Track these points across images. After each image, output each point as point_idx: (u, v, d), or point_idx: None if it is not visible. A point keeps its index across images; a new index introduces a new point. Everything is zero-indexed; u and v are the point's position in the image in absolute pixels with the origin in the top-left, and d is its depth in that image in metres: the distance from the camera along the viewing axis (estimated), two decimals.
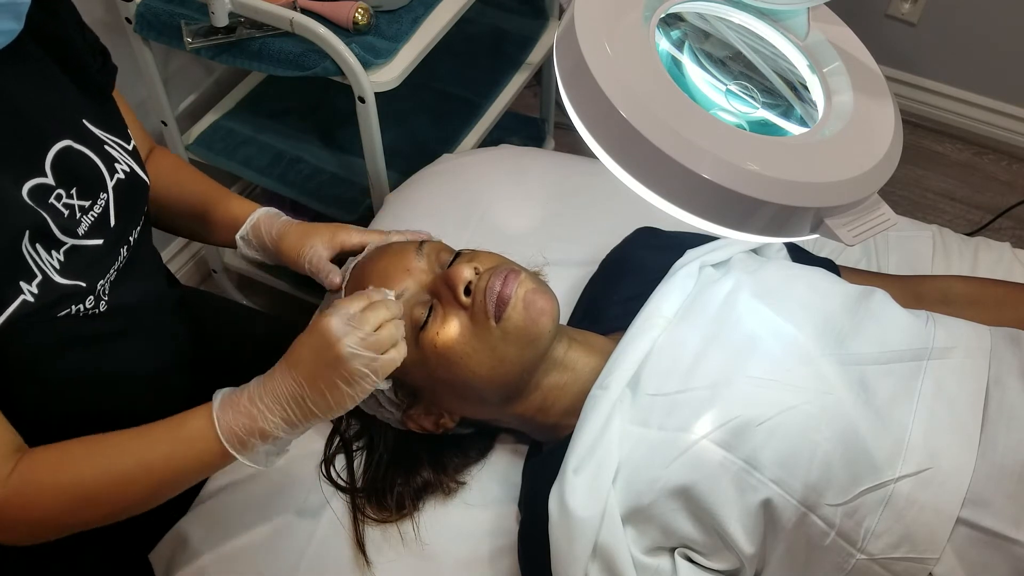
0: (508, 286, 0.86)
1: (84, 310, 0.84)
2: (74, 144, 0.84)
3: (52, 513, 0.79)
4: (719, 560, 0.85)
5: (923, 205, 2.11)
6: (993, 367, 0.88)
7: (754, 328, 0.90)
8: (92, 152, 0.86)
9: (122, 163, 0.89)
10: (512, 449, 1.03)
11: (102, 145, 0.87)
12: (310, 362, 0.78)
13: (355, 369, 0.77)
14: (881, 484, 0.81)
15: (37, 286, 0.78)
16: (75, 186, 0.83)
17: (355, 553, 0.94)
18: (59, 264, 0.81)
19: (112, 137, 0.89)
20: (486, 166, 1.37)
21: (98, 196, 0.86)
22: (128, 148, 0.91)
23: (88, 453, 0.80)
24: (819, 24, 0.72)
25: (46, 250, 0.80)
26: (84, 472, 0.79)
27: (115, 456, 0.80)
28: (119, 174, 0.88)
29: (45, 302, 0.79)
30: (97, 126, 0.88)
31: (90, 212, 0.85)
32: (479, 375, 0.87)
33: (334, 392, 0.78)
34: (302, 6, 1.30)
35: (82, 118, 0.86)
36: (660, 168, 0.59)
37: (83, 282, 0.83)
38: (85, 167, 0.85)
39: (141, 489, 0.81)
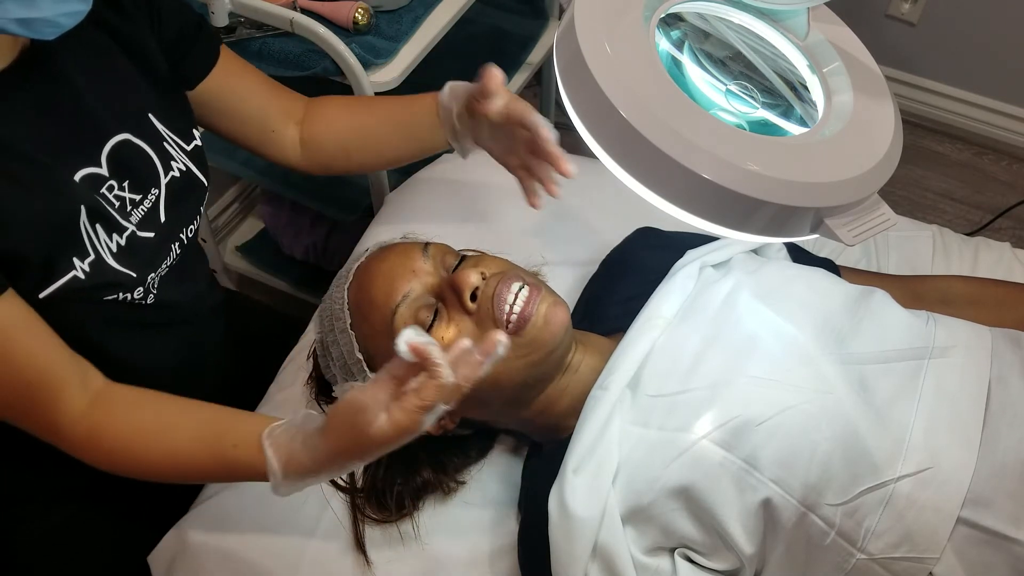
0: (530, 304, 0.85)
1: (132, 299, 0.86)
2: (132, 138, 0.86)
3: (117, 448, 0.81)
4: (719, 560, 0.85)
5: (923, 205, 2.11)
6: (994, 366, 0.88)
7: (754, 328, 0.90)
8: (150, 148, 0.87)
9: (179, 161, 0.91)
10: (512, 449, 1.03)
11: (161, 141, 0.89)
12: (346, 440, 0.74)
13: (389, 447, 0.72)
14: (881, 484, 0.81)
15: (90, 265, 0.80)
16: (128, 179, 0.85)
17: (355, 553, 0.94)
18: (116, 248, 0.82)
19: (173, 135, 0.91)
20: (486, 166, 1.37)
21: (149, 191, 0.87)
22: (187, 148, 0.93)
23: (156, 415, 0.83)
24: (819, 24, 0.72)
25: (106, 232, 0.82)
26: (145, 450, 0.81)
27: (175, 432, 0.82)
28: (174, 172, 0.90)
29: (95, 283, 0.81)
30: (161, 121, 0.89)
31: (140, 206, 0.86)
32: (485, 381, 0.87)
33: (371, 458, 0.74)
34: (302, 6, 1.30)
35: (147, 111, 0.88)
36: (660, 168, 0.59)
37: (134, 272, 0.85)
38: (140, 161, 0.87)
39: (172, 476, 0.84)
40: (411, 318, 0.87)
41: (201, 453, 0.81)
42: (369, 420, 0.70)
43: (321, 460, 0.75)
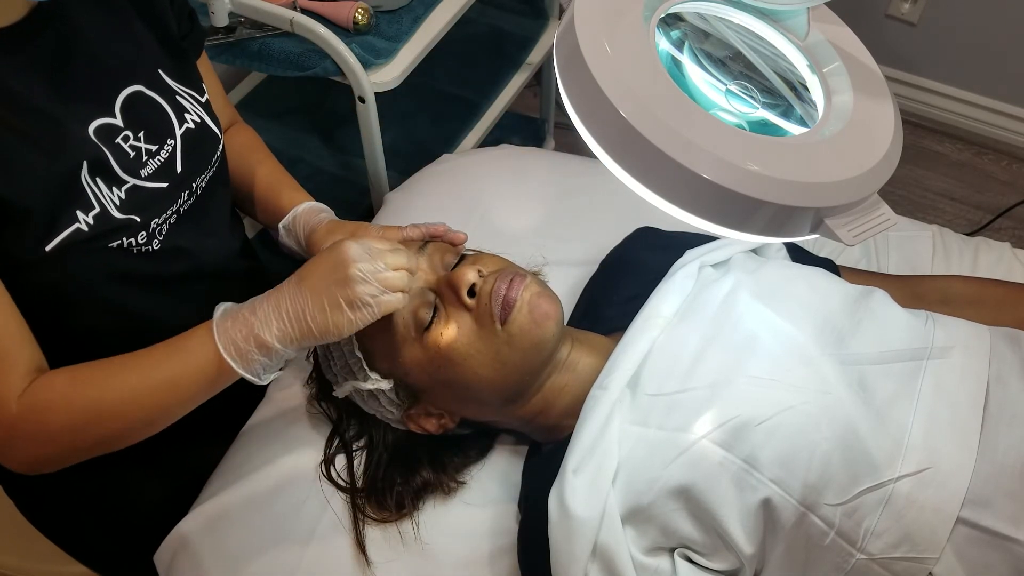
0: (514, 289, 0.86)
1: (136, 244, 0.86)
2: (145, 90, 0.87)
3: (61, 430, 0.80)
4: (719, 560, 0.85)
5: (923, 205, 2.11)
6: (993, 366, 0.88)
7: (753, 328, 0.90)
8: (163, 100, 0.89)
9: (193, 113, 0.92)
10: (512, 449, 1.03)
11: (174, 95, 0.91)
12: (319, 276, 0.79)
13: (360, 293, 0.78)
14: (881, 484, 0.81)
15: (94, 217, 0.81)
16: (143, 129, 0.86)
17: (355, 553, 0.94)
18: (119, 201, 0.83)
19: (186, 89, 0.93)
20: (486, 166, 1.37)
21: (165, 141, 0.88)
22: (201, 100, 0.95)
23: (97, 372, 0.81)
24: (819, 24, 0.72)
25: (107, 185, 0.82)
26: (92, 389, 0.80)
27: (121, 373, 0.81)
28: (188, 123, 0.91)
29: (99, 232, 0.81)
30: (172, 78, 0.91)
31: (156, 156, 0.87)
32: (482, 377, 0.87)
33: (334, 311, 0.78)
34: (302, 6, 1.30)
35: (158, 68, 0.90)
36: (660, 168, 0.59)
37: (137, 217, 0.85)
38: (154, 113, 0.88)
39: (147, 404, 0.82)
40: (410, 315, 0.88)
41: (156, 366, 0.81)
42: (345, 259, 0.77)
43: (285, 305, 0.79)
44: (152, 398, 0.81)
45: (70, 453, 0.83)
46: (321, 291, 0.79)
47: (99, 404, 0.80)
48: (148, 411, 0.82)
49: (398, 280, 0.80)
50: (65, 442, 0.81)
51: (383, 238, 0.89)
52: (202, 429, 1.05)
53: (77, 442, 0.82)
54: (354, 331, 0.80)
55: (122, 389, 0.80)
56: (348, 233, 1.00)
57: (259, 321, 0.79)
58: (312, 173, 1.62)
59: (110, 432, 0.82)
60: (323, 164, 1.64)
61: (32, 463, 0.82)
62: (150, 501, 1.06)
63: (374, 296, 0.78)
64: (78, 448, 0.83)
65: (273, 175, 1.11)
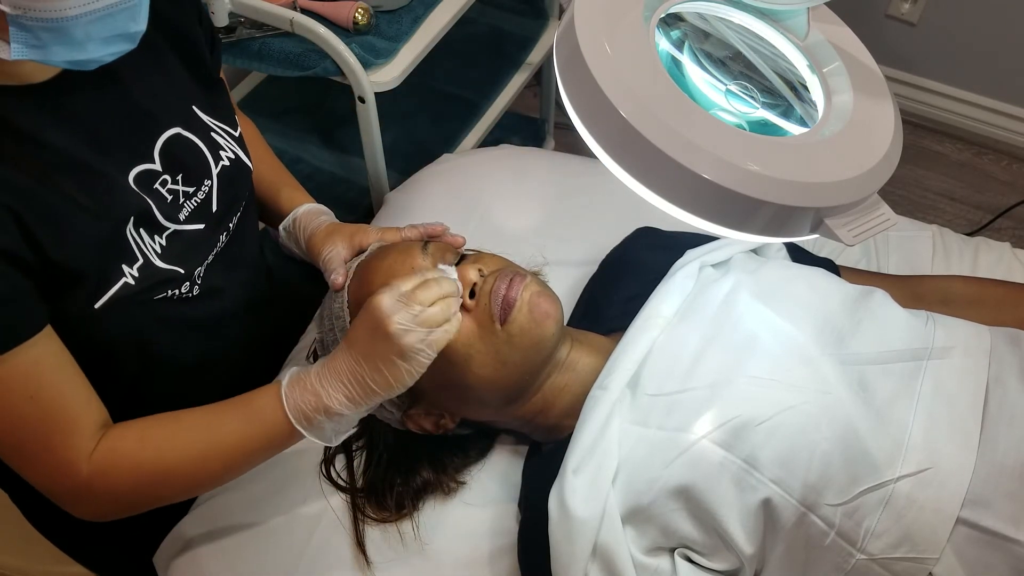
0: (513, 289, 0.86)
1: (180, 295, 0.87)
2: (183, 132, 0.87)
3: (131, 488, 0.81)
4: (719, 560, 0.85)
5: (923, 205, 2.11)
6: (993, 367, 0.88)
7: (754, 328, 0.90)
8: (199, 139, 0.89)
9: (227, 150, 0.92)
10: (512, 449, 1.03)
11: (209, 132, 0.90)
12: (365, 341, 0.79)
13: (408, 345, 0.77)
14: (881, 484, 0.81)
15: (138, 269, 0.81)
16: (181, 172, 0.86)
17: (355, 553, 0.94)
18: (160, 248, 0.83)
19: (219, 124, 0.92)
20: (486, 166, 1.37)
21: (202, 183, 0.88)
22: (235, 135, 0.94)
23: (165, 431, 0.83)
24: (819, 24, 0.72)
25: (149, 235, 0.82)
26: (161, 450, 0.81)
27: (190, 434, 0.83)
28: (224, 161, 0.91)
29: (145, 285, 0.82)
30: (205, 112, 0.91)
31: (193, 198, 0.87)
32: (482, 377, 0.87)
33: (391, 368, 0.78)
34: (302, 6, 1.30)
35: (192, 104, 0.89)
36: (660, 168, 0.59)
37: (181, 268, 0.86)
38: (192, 154, 0.88)
39: (214, 466, 0.83)
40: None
41: (224, 428, 0.82)
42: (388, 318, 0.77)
43: (343, 372, 0.79)
44: (220, 460, 0.83)
45: (136, 508, 0.86)
46: (372, 354, 0.78)
47: (167, 465, 0.82)
48: (214, 472, 0.84)
49: (440, 314, 0.79)
50: (132, 500, 0.84)
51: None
52: None
53: (143, 500, 0.85)
54: (417, 378, 0.80)
55: (190, 450, 0.82)
56: (347, 236, 1.00)
57: (324, 390, 0.80)
58: (312, 173, 1.62)
59: (175, 491, 0.86)
60: (323, 164, 1.64)
61: (98, 516, 0.84)
62: None
63: (422, 340, 0.78)
64: (144, 504, 0.85)
65: (272, 173, 1.11)
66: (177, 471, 0.82)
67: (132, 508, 0.85)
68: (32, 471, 0.79)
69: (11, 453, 0.78)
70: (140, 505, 0.85)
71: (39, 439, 0.77)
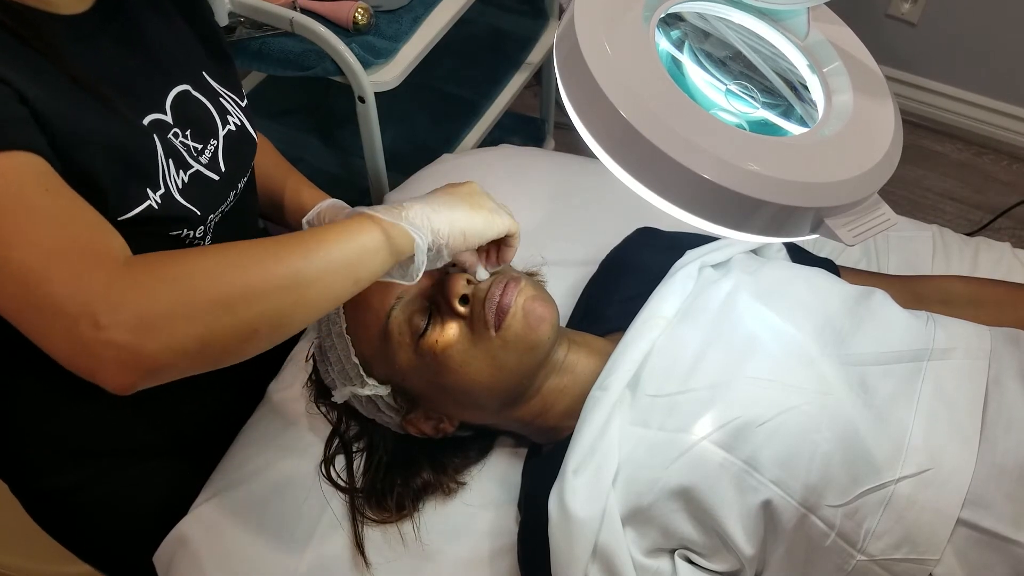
0: (507, 295, 0.86)
1: (192, 237, 0.86)
2: (192, 90, 0.88)
3: (188, 274, 0.64)
4: (719, 561, 0.85)
5: (923, 205, 2.11)
6: (993, 368, 0.88)
7: (754, 329, 0.90)
8: (208, 101, 0.90)
9: (234, 116, 0.93)
10: (512, 449, 1.03)
11: (217, 97, 0.92)
12: (457, 193, 0.84)
13: (496, 204, 0.85)
14: (881, 485, 0.81)
15: (161, 197, 0.80)
16: (190, 128, 0.86)
17: (354, 553, 0.94)
18: (182, 184, 0.83)
19: (228, 92, 0.94)
20: (486, 166, 1.37)
21: (209, 141, 0.89)
22: (241, 104, 0.96)
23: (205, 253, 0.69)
24: (819, 24, 0.72)
25: (175, 167, 0.82)
26: (206, 261, 0.67)
27: (276, 251, 0.69)
28: (230, 125, 0.92)
29: (165, 215, 0.81)
30: (215, 80, 0.92)
31: (202, 154, 0.88)
32: (479, 382, 0.87)
33: (482, 213, 0.82)
34: (302, 6, 1.30)
35: (202, 70, 0.91)
36: (660, 168, 0.59)
37: (198, 210, 0.85)
38: (200, 112, 0.88)
39: (282, 262, 0.68)
40: (405, 322, 0.88)
41: (317, 248, 0.70)
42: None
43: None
44: (321, 278, 0.69)
45: (192, 320, 0.63)
46: (465, 199, 0.83)
47: (224, 255, 0.67)
48: (311, 291, 0.68)
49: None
50: (189, 297, 0.63)
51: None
52: (203, 429, 1.05)
53: (207, 295, 0.64)
54: (497, 233, 0.83)
55: (254, 247, 0.68)
56: None
57: (422, 211, 0.77)
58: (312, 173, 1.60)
59: (234, 320, 0.65)
60: (323, 164, 1.64)
61: (137, 327, 0.61)
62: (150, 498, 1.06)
63: (505, 209, 0.83)
64: (205, 310, 0.63)
65: (287, 173, 1.12)
66: (236, 262, 0.67)
67: (187, 319, 0.63)
68: (55, 274, 0.61)
69: (27, 252, 0.61)
70: (199, 312, 0.63)
71: (60, 230, 0.63)
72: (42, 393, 0.91)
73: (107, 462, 0.99)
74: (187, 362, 0.64)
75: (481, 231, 0.81)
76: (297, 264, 0.68)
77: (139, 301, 0.61)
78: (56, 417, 0.93)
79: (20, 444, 0.97)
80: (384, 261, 0.74)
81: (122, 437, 0.98)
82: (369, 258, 0.73)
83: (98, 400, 0.92)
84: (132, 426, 0.97)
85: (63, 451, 0.97)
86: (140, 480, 1.02)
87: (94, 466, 0.98)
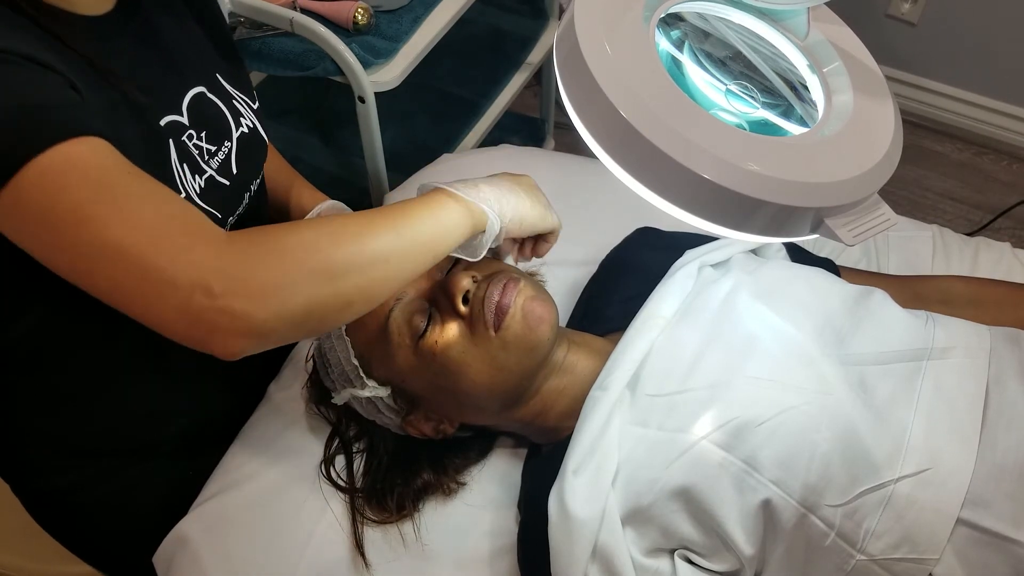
0: (507, 295, 0.86)
1: None
2: (207, 92, 0.88)
3: (294, 246, 0.67)
4: (719, 561, 0.85)
5: (923, 205, 2.10)
6: (993, 367, 0.88)
7: (753, 328, 0.90)
8: (222, 103, 0.90)
9: (247, 118, 0.94)
10: (512, 450, 1.03)
11: (231, 99, 0.92)
12: (519, 185, 0.88)
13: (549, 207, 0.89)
14: (881, 484, 0.81)
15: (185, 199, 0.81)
16: (205, 129, 0.86)
17: (354, 554, 0.94)
18: (199, 188, 0.83)
19: (241, 94, 0.94)
20: (486, 166, 1.37)
21: (223, 143, 0.89)
22: (253, 107, 0.96)
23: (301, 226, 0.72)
24: (819, 24, 0.72)
25: (191, 172, 0.82)
26: (304, 234, 0.69)
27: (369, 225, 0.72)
28: (243, 128, 0.93)
29: None
30: (228, 82, 0.93)
31: (216, 156, 0.88)
32: (478, 383, 0.87)
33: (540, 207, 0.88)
34: (302, 6, 1.30)
35: (216, 72, 0.92)
36: (660, 168, 0.59)
37: (218, 212, 0.85)
38: (215, 114, 0.89)
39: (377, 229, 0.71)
40: (405, 323, 0.88)
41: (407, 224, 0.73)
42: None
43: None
44: (409, 252, 0.72)
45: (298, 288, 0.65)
46: (527, 190, 0.87)
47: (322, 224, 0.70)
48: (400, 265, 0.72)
49: None
50: (294, 266, 0.65)
51: None
52: (203, 429, 1.05)
53: (310, 266, 0.66)
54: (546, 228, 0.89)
55: (374, 240, 0.70)
56: None
57: (495, 193, 0.82)
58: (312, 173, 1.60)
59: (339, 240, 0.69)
60: (323, 164, 1.64)
61: (250, 294, 0.63)
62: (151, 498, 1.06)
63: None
64: (309, 279, 0.66)
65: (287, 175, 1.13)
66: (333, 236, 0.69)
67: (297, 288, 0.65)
68: (164, 249, 0.62)
69: (129, 232, 0.62)
70: (301, 288, 0.65)
71: (157, 208, 0.64)
72: (42, 393, 0.91)
73: (107, 462, 0.99)
74: (291, 329, 0.67)
75: (535, 223, 0.87)
76: (389, 239, 0.72)
77: (249, 270, 0.64)
78: (56, 417, 0.93)
79: (21, 444, 0.97)
80: (461, 237, 0.78)
81: (123, 437, 0.98)
82: (450, 234, 0.77)
83: (99, 400, 0.92)
84: (132, 426, 0.97)
85: (63, 451, 0.97)
86: (140, 480, 1.02)
87: (94, 466, 0.98)
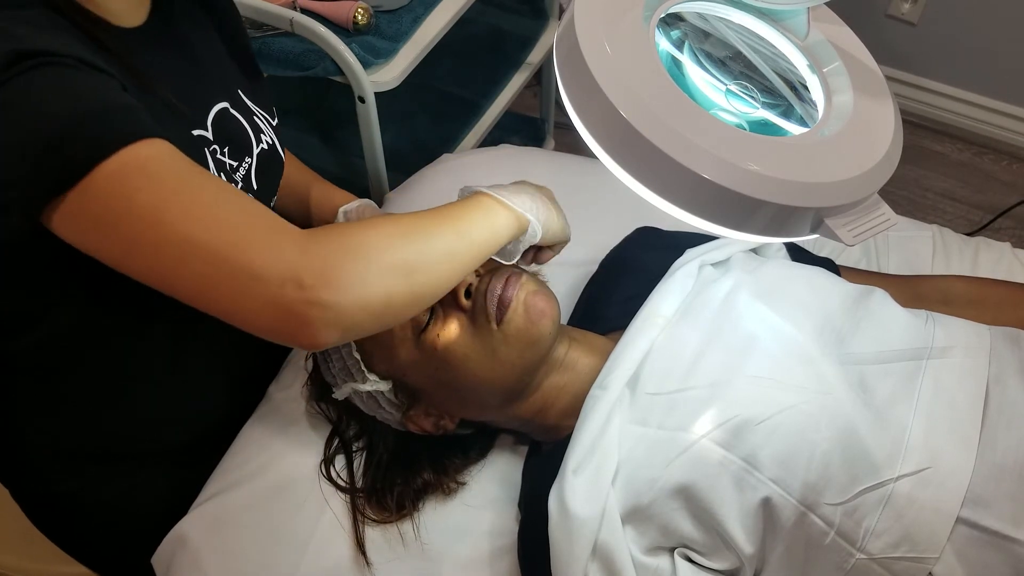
0: (509, 289, 0.86)
1: None
2: (230, 108, 0.89)
3: (369, 243, 0.69)
4: (718, 560, 0.85)
5: (923, 205, 2.11)
6: (993, 366, 0.88)
7: (753, 327, 0.90)
8: (243, 119, 0.91)
9: (267, 135, 0.94)
10: (512, 449, 1.03)
11: (252, 115, 0.93)
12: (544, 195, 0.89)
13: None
14: (880, 483, 0.81)
15: None
16: (228, 145, 0.87)
17: (355, 553, 0.94)
18: None
19: (261, 111, 0.95)
20: (486, 166, 1.37)
21: (243, 159, 0.89)
22: (273, 124, 0.97)
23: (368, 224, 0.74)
24: (819, 24, 0.72)
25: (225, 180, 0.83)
26: (378, 231, 0.71)
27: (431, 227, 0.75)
28: (263, 144, 0.93)
29: None
30: (249, 98, 0.94)
31: (238, 172, 0.88)
32: (479, 377, 0.87)
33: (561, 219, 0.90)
34: (302, 6, 1.30)
35: (238, 88, 0.92)
36: (660, 168, 0.59)
37: None
38: (237, 130, 0.89)
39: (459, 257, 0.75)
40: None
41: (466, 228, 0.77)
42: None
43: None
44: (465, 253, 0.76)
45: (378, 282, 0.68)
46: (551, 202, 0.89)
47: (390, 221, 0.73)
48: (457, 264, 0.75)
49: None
50: (374, 262, 0.68)
51: None
52: (203, 429, 1.05)
53: (387, 262, 0.68)
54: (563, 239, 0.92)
55: (440, 240, 0.74)
56: None
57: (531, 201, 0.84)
58: None
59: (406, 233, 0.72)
60: (323, 164, 1.64)
61: (338, 287, 0.65)
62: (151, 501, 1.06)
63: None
64: (387, 274, 0.68)
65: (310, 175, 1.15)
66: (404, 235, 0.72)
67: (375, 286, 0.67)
68: (250, 244, 0.64)
69: (214, 230, 0.64)
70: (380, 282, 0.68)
71: (237, 206, 0.66)
72: (42, 397, 0.91)
73: (110, 467, 0.99)
74: (372, 320, 0.69)
75: (556, 233, 0.89)
76: (452, 239, 0.76)
77: (335, 264, 0.66)
78: (56, 421, 0.93)
79: (20, 449, 0.97)
80: (506, 240, 0.82)
81: (128, 442, 0.98)
82: (498, 237, 0.80)
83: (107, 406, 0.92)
84: (138, 431, 0.97)
85: (63, 455, 0.96)
86: (140, 483, 1.02)
87: (96, 470, 0.98)
